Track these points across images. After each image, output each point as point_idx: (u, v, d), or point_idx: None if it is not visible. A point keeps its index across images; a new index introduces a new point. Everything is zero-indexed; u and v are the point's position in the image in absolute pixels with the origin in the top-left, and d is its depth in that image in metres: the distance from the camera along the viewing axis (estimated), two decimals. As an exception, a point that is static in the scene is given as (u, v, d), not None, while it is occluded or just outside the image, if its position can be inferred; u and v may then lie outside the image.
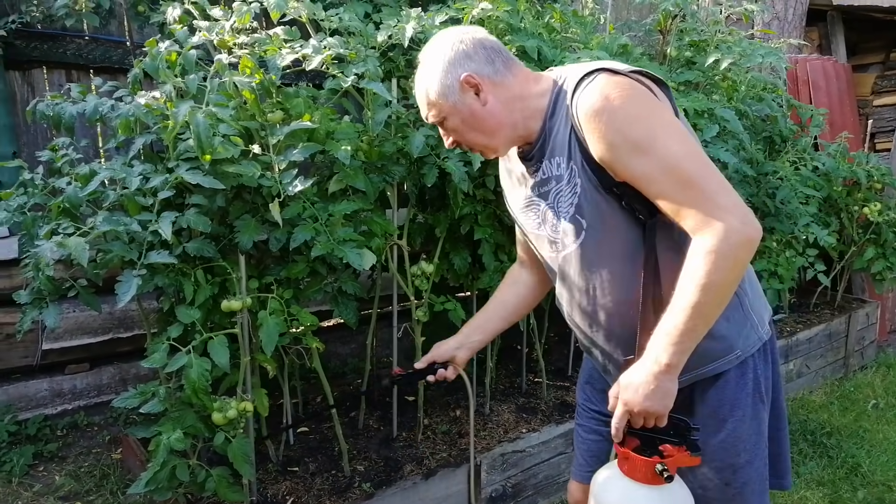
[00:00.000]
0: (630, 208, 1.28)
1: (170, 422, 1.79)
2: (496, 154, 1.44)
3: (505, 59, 1.35)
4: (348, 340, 3.38)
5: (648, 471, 1.27)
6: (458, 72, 1.32)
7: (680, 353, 1.21)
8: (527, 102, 1.35)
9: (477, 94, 1.33)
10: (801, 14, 5.47)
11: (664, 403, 1.24)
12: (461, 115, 1.35)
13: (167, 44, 1.95)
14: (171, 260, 1.70)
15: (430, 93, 1.36)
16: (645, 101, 1.22)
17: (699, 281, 1.15)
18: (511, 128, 1.36)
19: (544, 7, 2.79)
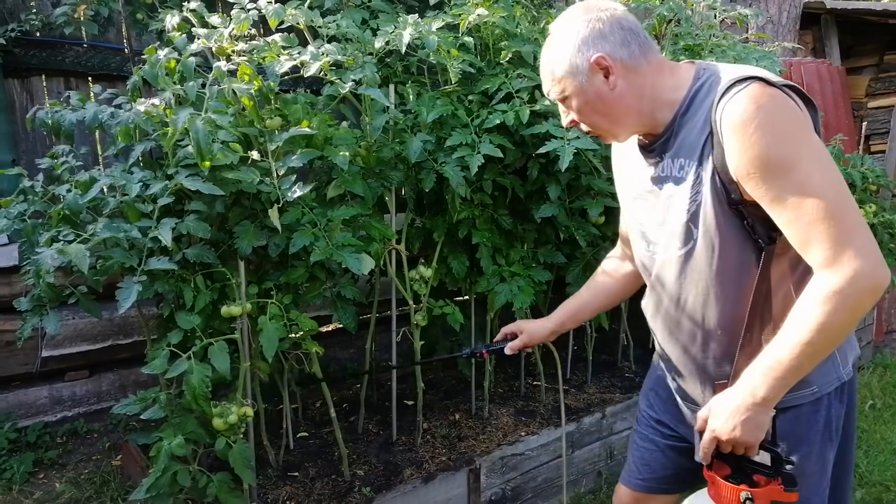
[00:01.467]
0: (750, 229, 1.22)
1: (170, 428, 1.80)
2: (615, 140, 1.38)
3: (642, 43, 1.25)
4: (347, 345, 3.39)
5: (734, 498, 1.23)
6: (590, 52, 1.24)
7: (779, 388, 1.16)
8: (658, 92, 1.27)
9: (606, 77, 1.25)
10: (794, 18, 5.51)
11: (755, 435, 1.20)
12: (586, 97, 1.28)
13: (166, 51, 1.96)
14: (170, 266, 1.71)
15: (556, 69, 1.29)
16: (796, 120, 1.14)
17: (816, 320, 1.10)
18: (637, 115, 1.29)
19: (540, 13, 2.81)
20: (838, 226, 1.09)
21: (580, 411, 2.74)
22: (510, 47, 2.37)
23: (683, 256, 1.30)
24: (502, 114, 2.20)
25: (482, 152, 2.14)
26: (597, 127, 1.33)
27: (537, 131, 2.18)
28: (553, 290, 2.91)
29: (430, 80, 2.51)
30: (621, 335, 3.22)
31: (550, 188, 2.35)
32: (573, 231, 2.42)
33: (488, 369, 2.78)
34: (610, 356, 3.32)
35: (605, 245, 2.65)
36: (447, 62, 2.17)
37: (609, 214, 2.56)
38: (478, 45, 2.46)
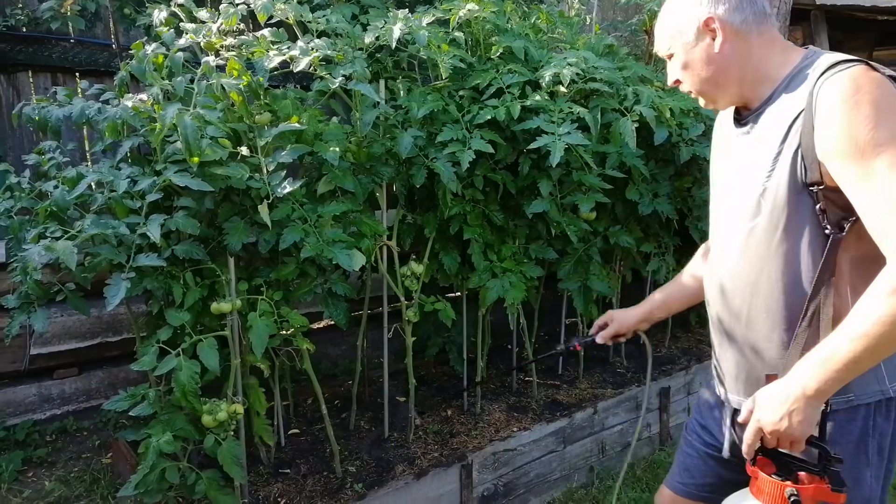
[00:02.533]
0: (821, 214, 1.18)
1: (159, 425, 1.79)
2: (714, 106, 1.37)
3: (757, 13, 1.25)
4: (339, 342, 3.38)
5: (777, 494, 1.19)
6: (703, 11, 1.25)
7: (833, 382, 1.11)
8: (763, 64, 1.26)
9: (713, 39, 1.26)
10: (784, 13, 5.51)
11: (803, 429, 1.15)
12: (692, 57, 1.29)
13: (154, 46, 1.95)
14: (159, 263, 1.70)
15: (666, 26, 1.32)
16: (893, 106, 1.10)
17: (879, 312, 1.05)
18: (738, 84, 1.28)
19: (531, 8, 2.81)
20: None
21: (572, 407, 2.75)
22: (501, 42, 2.37)
23: (748, 231, 1.28)
24: (493, 109, 2.19)
25: (473, 148, 2.13)
26: (698, 90, 1.33)
27: (528, 127, 2.18)
28: (545, 285, 2.91)
29: (421, 76, 2.51)
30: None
31: (542, 184, 2.35)
32: (564, 226, 2.42)
33: (480, 365, 2.78)
34: (602, 351, 3.32)
35: (595, 241, 2.65)
36: (438, 57, 2.17)
37: (600, 210, 2.56)
38: (468, 40, 2.45)
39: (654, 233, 2.90)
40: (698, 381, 3.17)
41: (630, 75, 2.51)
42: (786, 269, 1.24)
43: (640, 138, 2.33)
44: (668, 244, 2.93)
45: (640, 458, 2.93)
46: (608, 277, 2.76)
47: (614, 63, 2.54)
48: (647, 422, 2.97)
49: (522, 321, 2.79)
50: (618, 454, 2.85)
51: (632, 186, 2.60)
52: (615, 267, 3.03)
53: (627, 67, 2.57)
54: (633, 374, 3.09)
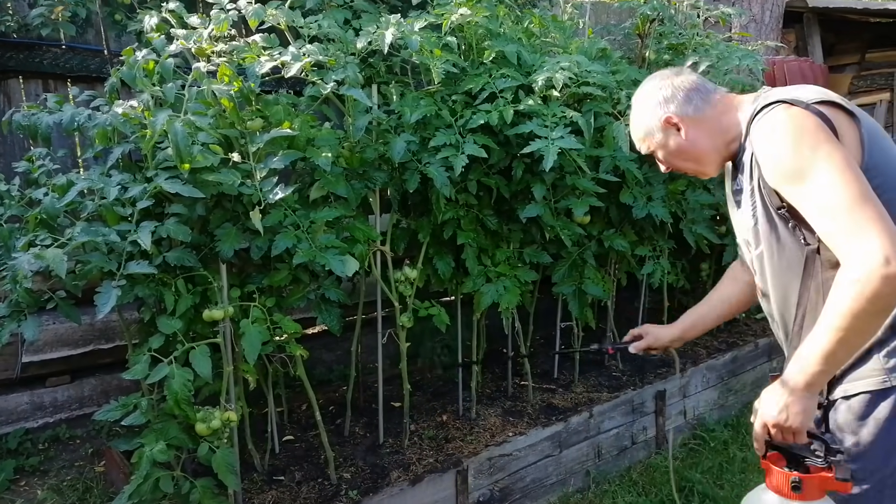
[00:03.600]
0: (795, 230, 1.36)
1: (152, 433, 1.78)
2: (706, 176, 1.59)
3: (704, 96, 1.50)
4: (333, 347, 3.36)
5: (783, 483, 1.30)
6: (660, 113, 1.51)
7: (819, 375, 1.26)
8: (727, 128, 1.48)
9: (678, 131, 1.50)
10: (777, 16, 5.55)
11: (800, 420, 1.28)
12: (667, 149, 1.54)
13: (144, 52, 1.94)
14: (150, 270, 1.69)
15: (638, 133, 1.58)
16: (809, 133, 1.28)
17: (841, 307, 1.19)
18: (715, 152, 1.51)
19: (523, 12, 2.80)
20: (854, 220, 1.19)
21: (568, 411, 2.74)
22: (493, 47, 2.36)
23: (758, 257, 1.48)
24: (486, 114, 2.19)
25: (466, 152, 2.13)
26: (686, 169, 1.58)
27: (521, 131, 2.17)
28: (540, 289, 2.91)
29: (414, 80, 2.50)
30: (608, 334, 3.22)
31: (535, 188, 2.34)
32: (558, 231, 2.41)
33: (475, 370, 2.77)
34: (597, 355, 3.32)
35: (590, 244, 2.65)
36: (430, 62, 2.16)
37: (594, 214, 2.56)
38: (461, 44, 2.45)
39: (649, 236, 2.90)
40: (693, 384, 3.16)
41: (623, 79, 2.51)
42: (783, 282, 1.44)
43: (634, 142, 2.33)
44: (663, 247, 2.93)
45: (637, 462, 2.93)
46: (603, 281, 2.76)
47: (607, 67, 2.54)
48: (643, 425, 2.96)
49: (517, 325, 2.78)
50: (614, 458, 2.84)
51: (626, 190, 2.60)
52: (610, 270, 3.02)
53: (621, 71, 2.57)
54: (628, 378, 3.09)
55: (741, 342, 3.48)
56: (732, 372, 3.36)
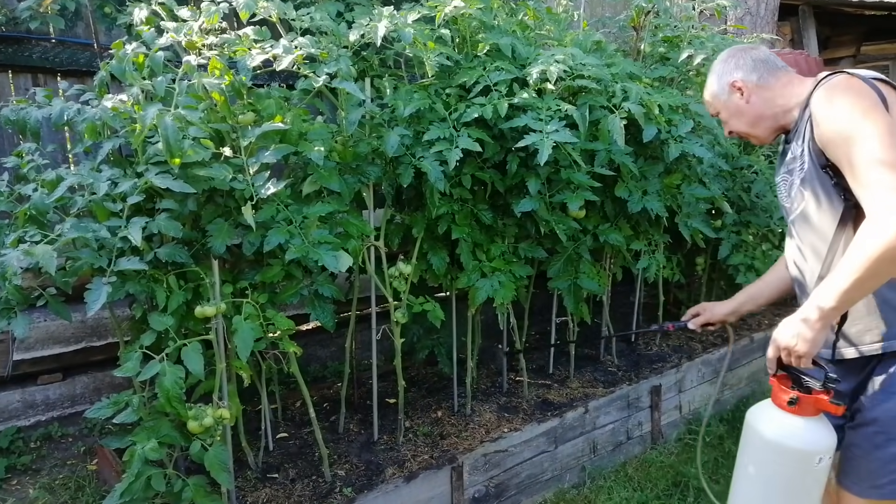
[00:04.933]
0: (836, 188, 1.53)
1: (144, 431, 1.76)
2: (759, 141, 1.79)
3: (769, 68, 1.72)
4: (328, 343, 3.35)
5: (784, 399, 1.54)
6: (728, 78, 1.74)
7: (832, 310, 1.42)
8: (787, 100, 1.67)
9: (741, 95, 1.72)
10: (773, 9, 5.53)
11: (807, 347, 1.46)
12: (729, 110, 1.77)
13: (134, 46, 1.91)
14: (141, 266, 1.67)
15: (707, 94, 1.82)
16: (863, 99, 1.45)
17: (864, 251, 1.34)
18: (771, 119, 1.71)
19: (518, 4, 2.78)
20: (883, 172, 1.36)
21: (563, 406, 2.73)
22: (488, 39, 2.35)
23: (800, 214, 1.66)
24: (480, 107, 2.17)
25: (460, 146, 2.11)
26: (742, 132, 1.78)
27: (516, 125, 2.15)
28: (535, 284, 2.90)
29: (408, 74, 2.48)
30: (603, 329, 3.22)
31: (530, 182, 2.33)
32: (553, 225, 2.40)
33: (470, 366, 2.76)
34: (592, 350, 3.31)
35: (585, 239, 2.64)
36: (423, 55, 2.14)
37: (589, 208, 2.54)
38: (455, 37, 2.42)
39: (644, 230, 2.88)
40: (689, 378, 3.16)
41: (618, 72, 2.49)
42: (815, 238, 1.62)
43: (629, 135, 2.31)
44: (658, 241, 2.92)
45: (632, 457, 2.92)
46: (598, 276, 2.75)
47: (602, 60, 2.52)
48: (638, 420, 2.96)
49: (513, 320, 2.77)
50: (609, 453, 2.84)
51: (621, 184, 2.58)
52: (605, 265, 3.02)
53: (616, 64, 2.55)
54: (623, 373, 3.08)
55: (736, 337, 3.48)
56: (728, 366, 3.35)
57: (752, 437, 1.64)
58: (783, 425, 1.55)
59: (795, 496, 1.59)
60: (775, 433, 1.56)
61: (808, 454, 1.53)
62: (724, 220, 3.18)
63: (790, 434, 1.54)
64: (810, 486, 1.57)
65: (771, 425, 1.58)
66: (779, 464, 1.58)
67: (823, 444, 1.53)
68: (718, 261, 3.26)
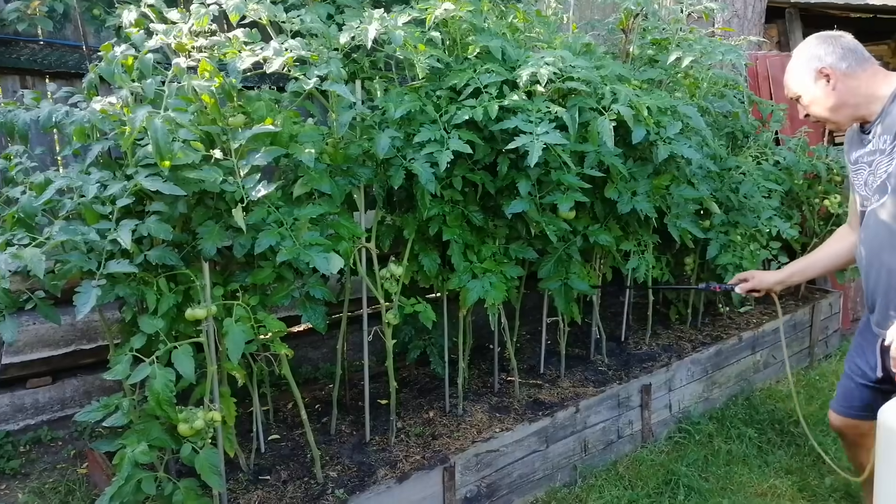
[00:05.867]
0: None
1: (134, 434, 1.75)
2: (837, 127, 1.92)
3: (858, 58, 1.82)
4: (319, 345, 3.35)
5: None
6: (816, 64, 1.83)
7: None
8: (871, 91, 1.80)
9: (827, 81, 1.82)
10: (760, 11, 5.57)
11: None
12: (813, 95, 1.86)
13: (123, 48, 1.91)
14: (131, 269, 1.66)
15: (792, 77, 1.91)
16: None
17: None
18: (853, 108, 1.83)
19: (508, 7, 2.79)
20: None
21: (554, 406, 2.75)
22: (478, 42, 2.35)
23: (880, 206, 1.79)
24: (471, 109, 2.18)
25: (451, 148, 2.12)
26: (821, 117, 1.90)
27: (506, 126, 2.16)
28: (526, 284, 2.91)
29: (398, 76, 2.49)
30: (594, 329, 3.23)
31: (520, 183, 2.34)
32: (544, 226, 2.41)
33: (461, 366, 2.77)
34: (583, 350, 3.33)
35: (575, 239, 2.65)
36: (414, 57, 2.15)
37: (579, 209, 2.56)
38: (445, 39, 2.43)
39: (634, 231, 2.90)
40: (679, 377, 3.18)
41: (607, 74, 2.50)
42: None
43: (618, 137, 2.33)
44: (648, 242, 2.93)
45: (623, 456, 2.94)
46: (588, 276, 2.76)
47: (592, 62, 2.53)
48: (629, 419, 2.97)
49: (504, 321, 2.78)
50: (600, 452, 2.86)
51: (610, 185, 2.60)
52: (595, 265, 3.03)
53: (605, 66, 2.56)
54: (614, 372, 3.10)
55: (725, 336, 3.51)
56: (717, 365, 3.38)
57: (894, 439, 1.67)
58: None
59: None
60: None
61: None
62: (713, 220, 3.20)
63: None
64: None
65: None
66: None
67: None
68: (707, 261, 3.28)
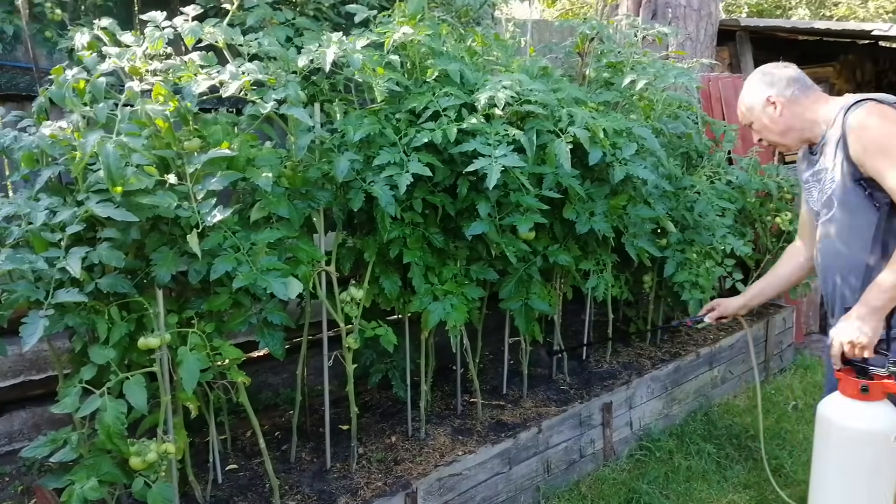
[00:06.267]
0: (870, 198, 1.84)
1: (83, 469, 1.70)
2: (787, 150, 2.09)
3: (801, 86, 2.00)
4: (280, 370, 3.29)
5: (854, 388, 1.79)
6: (764, 93, 2.01)
7: (885, 301, 1.77)
8: (815, 115, 1.97)
9: (775, 108, 1.99)
10: (712, 35, 5.76)
11: (868, 337, 1.78)
12: (762, 122, 2.04)
13: (75, 71, 1.87)
14: (81, 298, 1.62)
15: (743, 106, 2.08)
16: (893, 121, 1.78)
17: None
18: (799, 132, 2.00)
19: (466, 31, 2.83)
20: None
21: (517, 427, 2.75)
22: (436, 65, 2.37)
23: (829, 219, 1.97)
24: (430, 132, 2.19)
25: (411, 171, 2.12)
26: (772, 141, 2.07)
27: (465, 149, 2.18)
28: (487, 305, 2.92)
29: (358, 98, 2.49)
30: (555, 348, 3.25)
31: (480, 205, 2.35)
32: (504, 247, 2.43)
33: (424, 389, 2.75)
34: (545, 369, 3.34)
35: (535, 260, 2.67)
36: (373, 80, 2.15)
37: (539, 230, 2.58)
38: (404, 63, 2.45)
39: (592, 250, 2.94)
40: (639, 394, 3.22)
41: (564, 97, 2.55)
42: (855, 238, 1.91)
43: (576, 158, 2.37)
44: (606, 261, 2.97)
45: (585, 475, 2.95)
46: (549, 296, 2.79)
47: (549, 85, 2.58)
48: (591, 438, 2.99)
49: (466, 342, 2.77)
50: (563, 472, 2.86)
51: (569, 206, 2.63)
52: (555, 285, 3.06)
53: (562, 89, 2.61)
54: (575, 391, 3.12)
55: (683, 352, 3.57)
56: (676, 381, 3.43)
57: (828, 428, 1.87)
58: (856, 412, 1.79)
59: (874, 476, 1.81)
60: (852, 420, 1.80)
61: (883, 434, 1.77)
62: (669, 239, 3.26)
63: (864, 418, 1.78)
64: (886, 463, 1.81)
65: (845, 414, 1.81)
66: (857, 448, 1.80)
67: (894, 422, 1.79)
68: (665, 278, 3.34)
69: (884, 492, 1.82)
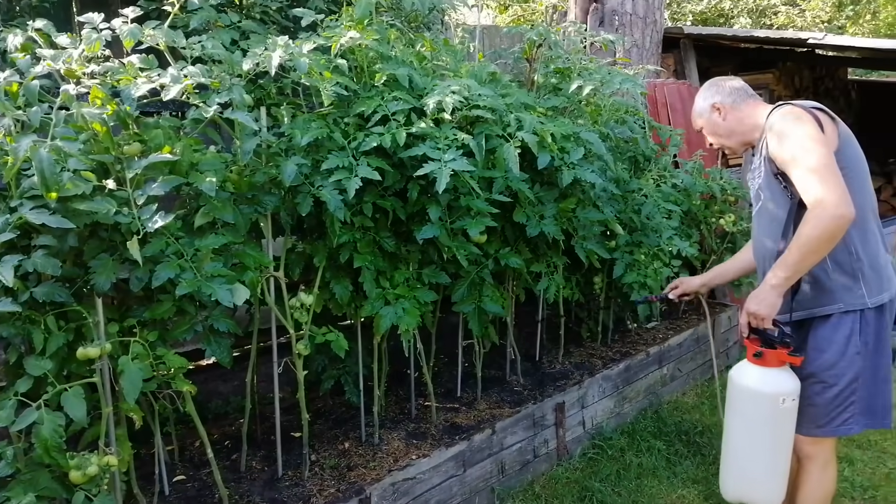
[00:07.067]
0: (786, 189, 2.05)
1: (20, 485, 1.64)
2: (733, 152, 2.46)
3: (742, 95, 2.25)
4: (230, 378, 3.23)
5: (750, 354, 2.09)
6: (710, 100, 2.28)
7: (785, 279, 1.97)
8: (753, 121, 2.20)
9: (719, 114, 2.26)
10: (657, 42, 5.90)
11: (767, 310, 2.00)
12: (710, 127, 2.31)
13: (7, 73, 1.81)
14: (14, 308, 1.57)
15: (695, 113, 2.36)
16: (801, 121, 1.98)
17: (803, 233, 1.90)
18: (741, 135, 2.25)
19: (415, 36, 2.83)
20: (821, 178, 1.88)
21: (471, 429, 2.76)
22: (385, 70, 2.37)
23: (758, 211, 2.23)
24: (379, 136, 2.19)
25: (360, 175, 2.11)
26: (719, 144, 2.34)
27: (415, 154, 2.18)
28: (441, 309, 2.92)
29: (306, 102, 2.47)
30: (508, 350, 3.28)
31: (431, 209, 2.36)
32: (455, 251, 2.44)
33: (377, 394, 2.74)
34: (499, 371, 3.37)
35: (487, 263, 2.69)
36: (320, 84, 2.14)
37: (490, 233, 2.60)
38: (352, 67, 2.44)
39: (543, 253, 2.98)
40: (591, 394, 3.27)
41: (513, 102, 2.58)
42: (776, 228, 2.11)
43: (525, 163, 2.40)
44: (557, 263, 3.02)
45: (540, 475, 2.98)
46: (501, 298, 2.81)
47: (497, 90, 2.60)
48: (544, 438, 3.02)
49: (419, 346, 2.77)
50: (517, 473, 2.88)
51: (519, 210, 2.66)
52: (508, 287, 3.08)
53: (510, 94, 2.64)
54: (529, 392, 3.15)
55: (633, 352, 3.64)
56: (627, 380, 3.50)
57: (732, 389, 2.18)
58: (753, 375, 2.08)
59: (772, 432, 2.09)
60: (748, 382, 2.10)
61: (773, 396, 2.04)
62: (618, 241, 3.33)
63: (758, 381, 2.07)
64: (782, 422, 2.08)
65: (745, 377, 2.12)
66: (754, 407, 2.09)
67: (785, 388, 2.05)
68: (614, 280, 3.40)
69: (783, 443, 2.11)
